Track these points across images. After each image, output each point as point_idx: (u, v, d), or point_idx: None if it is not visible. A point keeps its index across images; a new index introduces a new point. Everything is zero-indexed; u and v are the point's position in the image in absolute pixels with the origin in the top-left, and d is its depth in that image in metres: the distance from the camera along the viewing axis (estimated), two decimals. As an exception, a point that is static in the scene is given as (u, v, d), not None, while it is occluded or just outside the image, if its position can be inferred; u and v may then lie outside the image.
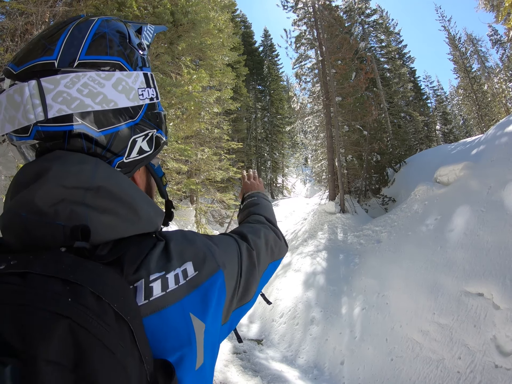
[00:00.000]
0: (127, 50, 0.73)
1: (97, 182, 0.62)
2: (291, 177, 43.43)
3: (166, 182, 0.94)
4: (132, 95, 0.71)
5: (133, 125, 0.72)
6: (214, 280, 0.72)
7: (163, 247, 0.69)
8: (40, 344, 0.38)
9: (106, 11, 4.63)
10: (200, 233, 0.84)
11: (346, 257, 8.91)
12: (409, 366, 4.95)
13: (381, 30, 28.52)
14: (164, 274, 0.64)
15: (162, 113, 0.84)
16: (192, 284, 0.67)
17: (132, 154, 0.73)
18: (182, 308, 0.63)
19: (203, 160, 13.30)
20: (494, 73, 34.68)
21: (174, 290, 0.63)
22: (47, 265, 0.49)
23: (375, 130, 14.22)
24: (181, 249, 0.71)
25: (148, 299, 0.60)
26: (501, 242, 5.05)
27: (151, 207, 0.73)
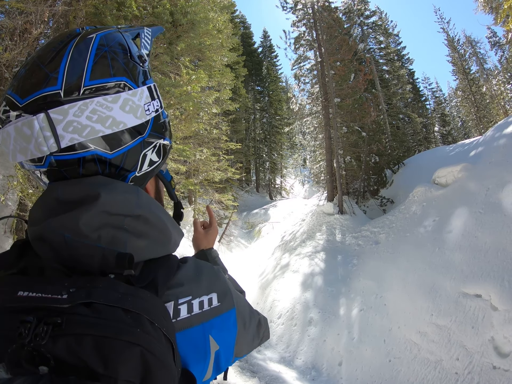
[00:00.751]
0: (130, 65, 0.72)
1: (139, 211, 0.68)
2: (290, 178, 43.43)
3: (174, 186, 0.98)
4: (139, 113, 0.71)
5: (142, 140, 0.73)
6: (230, 314, 0.80)
7: (194, 272, 0.79)
8: (119, 368, 0.47)
9: (105, 11, 4.63)
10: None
11: (344, 258, 8.91)
12: (407, 367, 4.95)
13: (380, 31, 28.57)
14: (190, 300, 0.72)
15: (167, 120, 0.84)
16: (215, 312, 0.75)
17: (143, 167, 0.75)
18: (203, 330, 0.71)
19: (202, 161, 13.30)
20: (493, 75, 34.76)
21: (198, 314, 0.71)
22: (108, 295, 0.55)
23: (373, 131, 14.22)
24: (210, 280, 0.81)
25: (175, 319, 0.67)
26: (499, 244, 5.06)
27: (176, 229, 0.79)
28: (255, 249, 16.65)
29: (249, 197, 30.18)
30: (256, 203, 28.05)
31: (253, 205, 26.99)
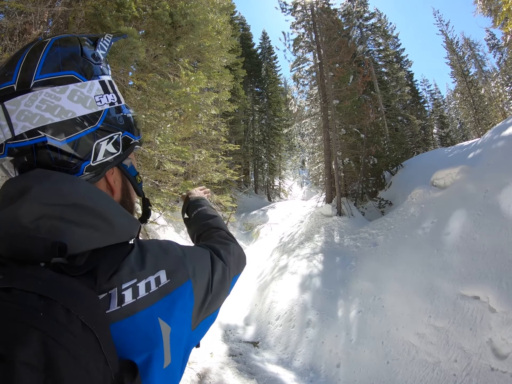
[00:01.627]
0: (80, 63, 0.78)
1: (73, 199, 0.69)
2: (288, 180, 43.43)
3: (140, 181, 1.00)
4: (88, 103, 0.77)
5: (94, 130, 0.78)
6: (183, 288, 0.80)
7: (137, 255, 0.78)
8: (16, 350, 0.46)
9: (105, 12, 4.63)
10: (176, 242, 0.93)
11: (343, 260, 8.91)
12: (405, 369, 4.95)
13: (379, 33, 28.62)
14: (135, 283, 0.72)
15: (129, 115, 0.90)
16: (164, 291, 0.75)
17: (98, 157, 0.79)
18: (151, 313, 0.70)
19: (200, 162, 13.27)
20: (491, 77, 34.89)
21: (144, 297, 0.71)
22: (28, 281, 0.56)
23: (372, 133, 14.23)
24: (156, 258, 0.80)
25: (120, 306, 0.67)
26: (497, 246, 5.07)
27: (125, 217, 0.81)
28: (254, 250, 16.62)
29: (248, 199, 30.16)
30: (254, 205, 28.03)
31: (251, 207, 26.97)
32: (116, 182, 0.89)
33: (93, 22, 4.89)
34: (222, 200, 15.93)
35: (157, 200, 8.20)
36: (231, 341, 7.63)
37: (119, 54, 4.42)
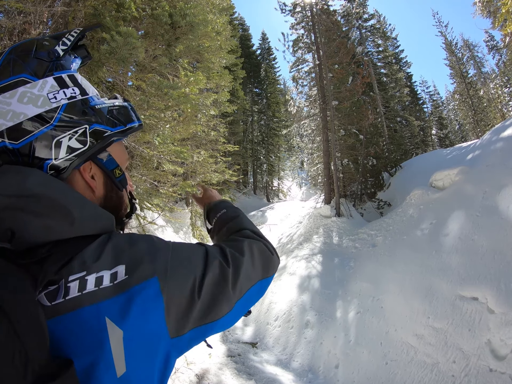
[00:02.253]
0: (31, 63, 0.79)
1: (30, 190, 0.69)
2: (287, 180, 43.53)
3: (120, 174, 0.96)
4: (40, 101, 0.76)
5: (52, 127, 0.77)
6: (144, 287, 0.70)
7: (96, 248, 0.73)
8: None
9: (104, 12, 4.62)
10: (161, 238, 0.86)
11: (341, 260, 8.91)
12: (403, 370, 4.95)
13: (379, 35, 28.63)
14: (84, 275, 0.67)
15: (101, 106, 0.88)
16: (118, 288, 0.68)
17: (60, 154, 0.78)
18: (97, 311, 0.65)
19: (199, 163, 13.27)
20: (490, 78, 34.94)
21: (91, 292, 0.66)
22: None
23: (371, 134, 14.27)
24: (117, 251, 0.74)
25: (64, 298, 0.64)
26: (495, 247, 5.07)
27: (90, 210, 0.78)
28: (252, 251, 16.63)
29: (247, 199, 30.18)
30: (253, 205, 28.05)
31: (250, 207, 26.98)
32: (95, 177, 0.88)
33: (93, 22, 4.89)
34: (221, 200, 15.93)
35: (156, 201, 8.20)
36: (230, 342, 7.62)
37: (118, 54, 4.42)
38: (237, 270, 0.92)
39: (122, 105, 0.95)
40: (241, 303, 0.93)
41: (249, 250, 1.02)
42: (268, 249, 1.14)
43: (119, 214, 0.98)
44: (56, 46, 0.84)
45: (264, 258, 1.08)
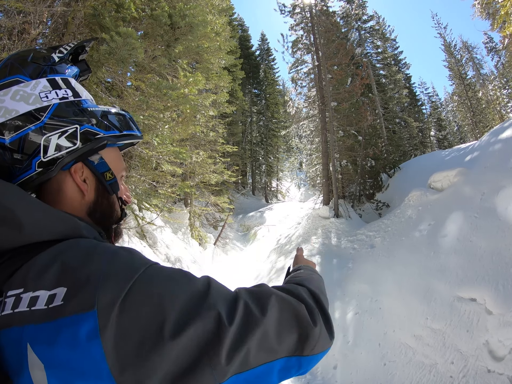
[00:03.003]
0: (27, 66, 0.82)
1: None
2: (286, 181, 43.55)
3: (110, 178, 0.92)
4: (32, 99, 0.78)
5: (42, 125, 0.78)
6: (78, 320, 0.56)
7: (44, 260, 0.64)
8: None
9: (104, 12, 4.63)
10: (135, 256, 0.70)
11: (340, 261, 8.91)
12: (402, 371, 4.95)
13: (378, 36, 28.70)
14: (20, 293, 0.60)
15: (94, 109, 0.88)
16: (49, 314, 0.57)
17: (48, 152, 0.79)
18: (20, 335, 0.57)
19: (198, 163, 13.30)
20: (489, 80, 35.03)
21: (22, 312, 0.58)
22: None
23: (370, 135, 14.30)
24: (66, 268, 0.62)
25: (0, 314, 0.60)
26: (494, 248, 5.08)
27: (44, 213, 0.71)
28: (251, 252, 16.63)
29: (245, 200, 30.19)
30: (252, 206, 28.06)
31: (249, 208, 27.00)
32: (87, 180, 0.87)
33: (92, 23, 4.89)
34: (220, 201, 15.98)
35: (155, 201, 8.20)
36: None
37: (118, 54, 4.42)
38: (244, 332, 0.67)
39: (118, 112, 0.95)
40: (244, 379, 0.68)
41: (278, 309, 0.75)
42: (312, 319, 0.79)
43: (110, 221, 0.95)
44: (52, 54, 0.88)
45: (299, 327, 0.77)
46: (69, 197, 0.84)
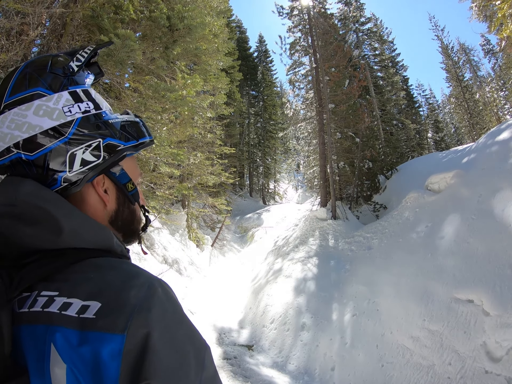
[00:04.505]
0: (47, 78, 0.80)
1: (19, 199, 0.71)
2: (283, 183, 43.57)
3: (133, 188, 0.94)
4: (55, 115, 0.77)
5: (67, 140, 0.78)
6: (104, 338, 0.59)
7: (83, 270, 0.69)
8: None
9: (102, 14, 4.62)
10: (163, 292, 0.70)
11: (337, 263, 8.91)
12: (399, 372, 4.96)
13: (375, 38, 28.79)
14: (55, 295, 0.64)
15: (114, 120, 0.89)
16: (79, 323, 0.60)
17: (74, 167, 0.79)
18: (45, 333, 0.60)
19: (195, 165, 13.31)
20: (486, 82, 35.08)
21: (51, 313, 0.61)
22: None
23: (367, 137, 14.29)
24: (104, 286, 0.66)
25: (28, 309, 0.63)
26: (491, 250, 5.10)
27: (82, 221, 0.76)
28: (248, 253, 16.64)
29: (243, 202, 30.21)
30: (249, 208, 28.09)
31: (246, 210, 27.03)
32: (108, 191, 0.88)
33: (91, 24, 4.90)
34: (217, 203, 15.97)
35: (152, 203, 8.20)
36: (226, 345, 7.62)
37: (116, 56, 4.42)
38: None
39: (134, 121, 0.95)
40: None
41: None
42: None
43: (131, 228, 0.97)
44: (71, 62, 0.86)
45: None
46: (92, 207, 0.85)
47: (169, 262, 10.50)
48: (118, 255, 0.82)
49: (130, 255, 0.93)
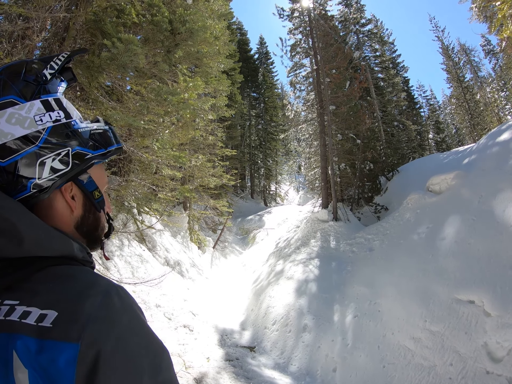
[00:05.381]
0: (20, 85, 0.83)
1: None
2: (284, 185, 43.58)
3: (98, 196, 0.97)
4: (27, 123, 0.80)
5: (37, 149, 0.80)
6: (58, 347, 0.62)
7: (43, 279, 0.71)
8: None
9: (105, 18, 4.67)
10: (118, 300, 0.73)
11: (339, 265, 8.93)
12: (401, 373, 4.97)
13: (376, 39, 28.80)
14: (16, 304, 0.66)
15: (83, 129, 0.91)
16: (37, 331, 0.63)
17: (43, 174, 0.81)
18: (7, 341, 0.62)
19: (197, 167, 13.30)
20: (487, 82, 35.15)
21: (12, 321, 0.64)
22: None
23: (368, 138, 14.30)
24: (61, 296, 0.68)
25: None
26: (491, 251, 5.11)
27: (43, 231, 0.77)
28: (250, 255, 16.65)
29: (244, 203, 30.20)
30: (250, 209, 28.08)
31: (247, 211, 27.01)
32: (75, 197, 0.91)
33: (93, 28, 4.92)
34: (219, 205, 15.97)
35: (155, 206, 8.21)
36: (228, 346, 7.62)
37: (119, 60, 4.46)
38: None
39: (103, 129, 0.97)
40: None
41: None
42: None
43: (95, 234, 0.99)
44: (44, 70, 0.88)
45: None
46: (59, 212, 0.88)
47: (171, 264, 10.52)
48: (80, 261, 0.84)
49: (96, 258, 0.94)
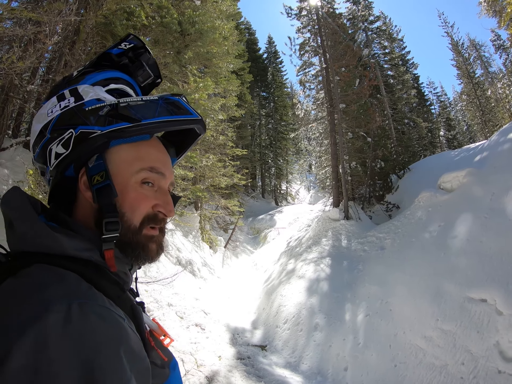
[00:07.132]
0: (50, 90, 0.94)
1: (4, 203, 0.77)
2: (295, 184, 43.55)
3: (99, 181, 0.79)
4: (42, 118, 0.86)
5: (47, 139, 0.84)
6: None
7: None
8: None
9: (115, 21, 4.71)
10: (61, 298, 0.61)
11: (350, 263, 8.91)
12: (412, 372, 4.96)
13: (385, 36, 28.58)
14: None
15: (94, 106, 0.82)
16: None
17: (51, 161, 0.84)
18: None
19: (208, 167, 13.36)
20: (498, 78, 34.70)
21: None
22: None
23: (379, 136, 14.23)
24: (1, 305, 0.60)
25: None
26: (504, 249, 5.07)
27: (30, 225, 0.72)
28: (261, 254, 16.67)
29: (255, 203, 30.25)
30: (261, 209, 28.12)
31: (258, 211, 27.05)
32: (86, 185, 0.82)
33: (103, 31, 4.98)
34: (230, 204, 16.03)
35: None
36: (239, 345, 7.65)
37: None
38: None
39: (143, 99, 0.85)
40: None
41: None
42: None
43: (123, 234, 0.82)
44: (75, 71, 0.95)
45: None
46: (81, 205, 0.83)
47: (182, 264, 10.58)
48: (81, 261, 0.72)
49: None
